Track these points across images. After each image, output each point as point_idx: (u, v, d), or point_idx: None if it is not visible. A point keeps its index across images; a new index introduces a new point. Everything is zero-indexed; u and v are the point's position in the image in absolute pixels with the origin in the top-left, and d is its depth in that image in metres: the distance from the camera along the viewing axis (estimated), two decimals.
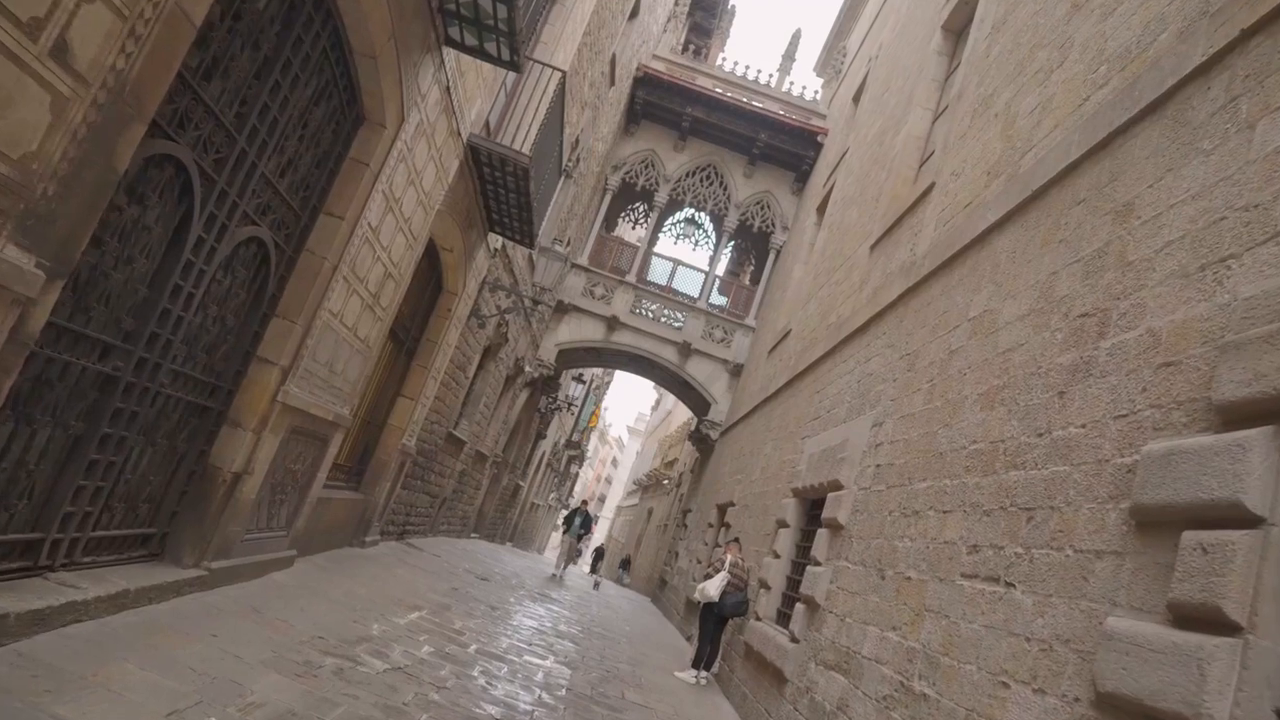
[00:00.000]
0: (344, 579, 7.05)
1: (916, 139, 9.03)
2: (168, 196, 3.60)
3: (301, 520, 6.50)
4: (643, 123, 18.60)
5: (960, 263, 5.82)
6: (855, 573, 5.70)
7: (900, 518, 5.22)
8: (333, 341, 5.80)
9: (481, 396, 13.65)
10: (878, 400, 6.68)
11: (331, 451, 6.65)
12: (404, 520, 11.15)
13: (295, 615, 5.24)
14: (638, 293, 17.96)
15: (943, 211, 6.72)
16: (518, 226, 9.35)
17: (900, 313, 6.93)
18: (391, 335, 8.24)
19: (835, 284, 10.30)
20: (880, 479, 5.89)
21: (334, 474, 7.94)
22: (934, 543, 4.57)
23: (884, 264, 8.11)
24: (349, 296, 5.79)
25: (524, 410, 19.02)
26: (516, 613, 9.03)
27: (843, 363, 8.41)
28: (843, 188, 12.56)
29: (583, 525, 16.35)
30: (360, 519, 8.96)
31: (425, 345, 9.43)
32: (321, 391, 5.91)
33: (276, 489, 5.75)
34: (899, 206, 8.35)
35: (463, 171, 7.65)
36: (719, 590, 8.55)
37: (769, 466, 10.50)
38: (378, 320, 6.68)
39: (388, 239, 6.17)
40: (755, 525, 10.02)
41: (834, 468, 6.98)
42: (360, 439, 8.59)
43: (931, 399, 5.44)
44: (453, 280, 9.37)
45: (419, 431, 10.08)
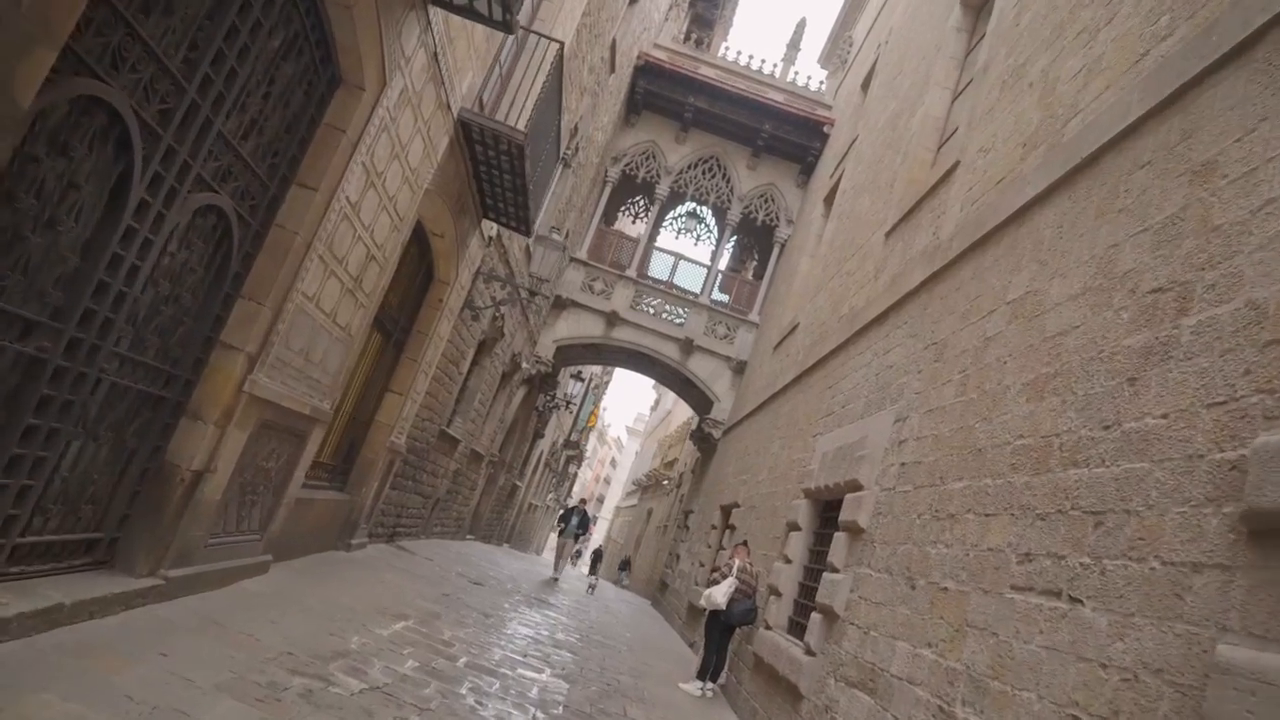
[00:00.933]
0: (324, 585, 6.55)
1: (934, 119, 8.55)
2: (100, 150, 3.10)
3: (277, 523, 6.01)
4: (643, 113, 18.10)
5: (994, 242, 5.33)
6: (880, 581, 5.21)
7: (932, 521, 4.73)
8: (308, 328, 5.30)
9: (476, 393, 13.15)
10: (900, 394, 6.19)
11: (310, 448, 6.15)
12: (394, 522, 10.65)
13: (264, 628, 4.74)
14: (638, 288, 17.47)
15: (970, 190, 6.23)
16: (513, 212, 8.85)
17: (923, 300, 6.44)
18: (378, 325, 7.75)
19: (847, 274, 9.81)
20: (906, 479, 5.40)
21: (315, 473, 7.44)
22: (975, 550, 4.08)
23: (902, 250, 7.62)
24: (326, 278, 5.29)
25: (521, 408, 18.52)
26: (511, 620, 8.53)
27: (858, 355, 7.91)
28: (852, 176, 12.07)
29: (580, 525, 15.44)
30: (345, 521, 8.46)
31: (415, 337, 8.93)
32: (296, 382, 5.41)
33: (246, 489, 5.25)
34: (917, 190, 7.87)
35: (453, 150, 7.15)
36: (726, 597, 8.06)
37: (777, 466, 10.01)
38: (360, 307, 6.19)
39: (369, 217, 5.67)
40: (763, 528, 9.53)
41: (852, 467, 6.49)
42: (345, 436, 8.09)
43: (965, 391, 4.95)
44: (444, 269, 8.87)
45: (409, 429, 9.59)
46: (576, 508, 15.81)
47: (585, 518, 15.66)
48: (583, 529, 15.54)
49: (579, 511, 15.65)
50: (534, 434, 22.45)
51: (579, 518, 15.49)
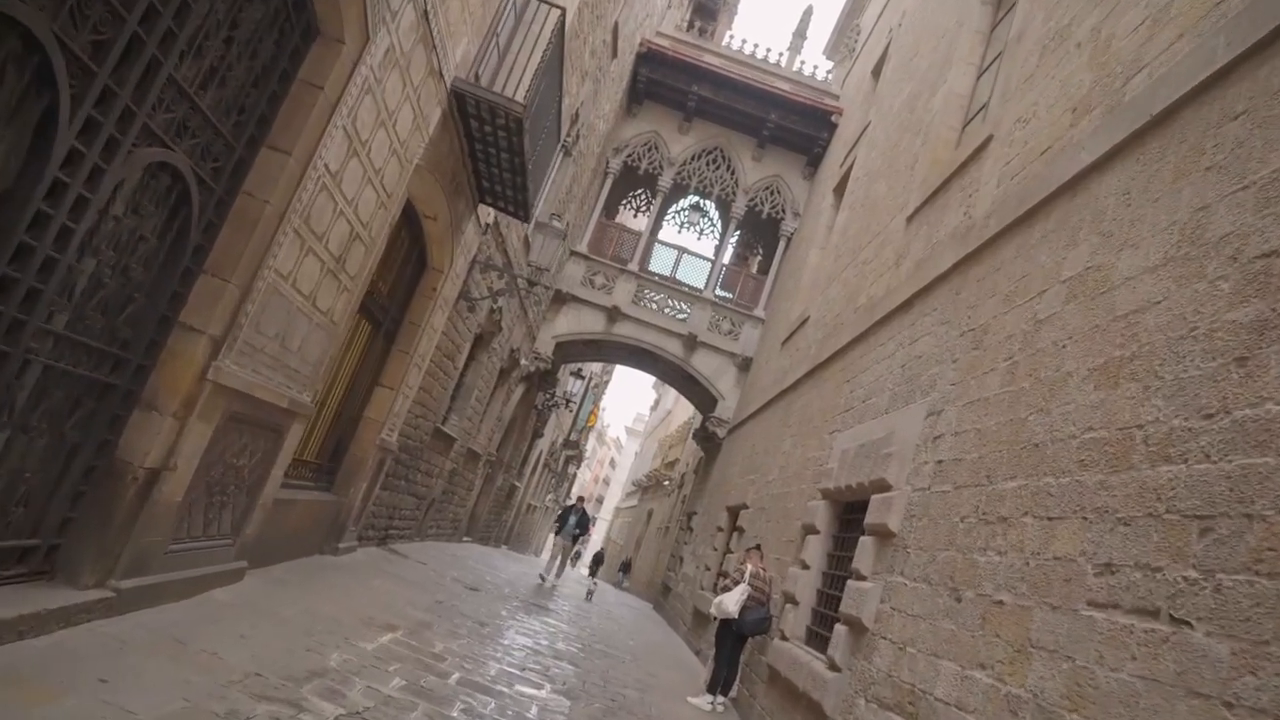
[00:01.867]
0: (305, 594, 6.04)
1: (959, 97, 8.05)
2: (14, 80, 2.59)
3: (252, 526, 5.49)
4: (645, 103, 17.59)
5: (1042, 217, 4.83)
6: (916, 591, 4.69)
7: (979, 525, 4.22)
8: (283, 311, 4.79)
9: (473, 390, 12.63)
10: (932, 386, 5.68)
11: (289, 444, 5.64)
12: (386, 524, 10.13)
13: (230, 645, 4.23)
14: (640, 282, 16.96)
15: (1007, 165, 5.72)
16: (511, 196, 8.34)
17: (955, 284, 5.93)
18: (365, 313, 7.24)
19: (863, 264, 9.31)
20: (944, 478, 4.89)
21: (297, 472, 6.93)
22: (1037, 559, 3.57)
23: (927, 234, 7.12)
24: (303, 256, 4.78)
25: (519, 407, 18.01)
26: (509, 629, 8.02)
27: (879, 347, 7.41)
28: (865, 163, 11.57)
29: (578, 525, 14.35)
30: (332, 523, 7.94)
31: (407, 329, 8.41)
32: (270, 371, 4.90)
33: (215, 489, 4.74)
34: (942, 170, 7.37)
35: (446, 124, 6.64)
36: (739, 605, 7.56)
37: (789, 465, 9.50)
38: (344, 290, 5.67)
39: (352, 190, 5.16)
40: (775, 530, 9.02)
41: (877, 465, 5.98)
42: (330, 432, 7.57)
43: (1014, 379, 4.44)
44: (438, 255, 8.36)
45: (401, 426, 9.07)
46: (574, 506, 14.77)
47: (584, 517, 14.60)
48: (581, 529, 14.45)
49: (577, 510, 14.63)
50: (533, 433, 21.93)
51: (577, 517, 14.46)
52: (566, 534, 14.35)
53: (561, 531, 14.43)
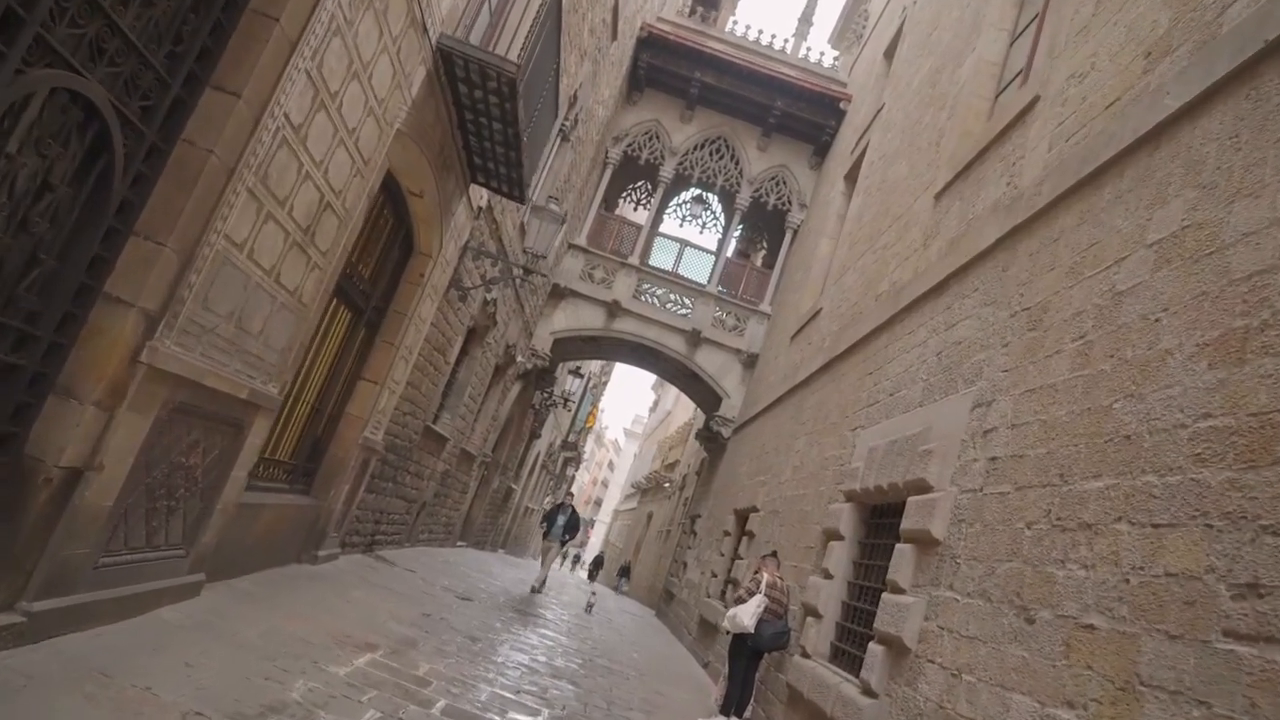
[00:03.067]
0: (272, 610, 5.38)
1: (990, 64, 7.43)
2: None
3: (209, 533, 4.84)
4: (646, 90, 16.96)
5: (1113, 176, 4.19)
6: (972, 609, 4.05)
7: (1054, 532, 3.57)
8: (239, 286, 4.14)
9: (466, 387, 11.98)
10: (977, 374, 5.04)
11: (252, 442, 4.98)
12: (372, 529, 9.48)
13: (170, 677, 3.57)
14: (641, 276, 16.32)
15: (1060, 125, 5.09)
16: (505, 174, 7.69)
17: (1001, 260, 5.30)
18: (344, 299, 6.58)
19: (883, 248, 8.68)
20: (1000, 477, 4.25)
21: (268, 473, 6.28)
22: (1141, 574, 2.93)
23: (961, 210, 6.49)
24: (262, 222, 4.13)
25: (516, 406, 17.35)
26: (503, 644, 7.36)
27: (907, 335, 6.77)
28: (880, 146, 10.95)
29: (568, 527, 12.84)
30: (310, 529, 7.28)
31: (392, 318, 7.76)
32: (224, 357, 4.25)
33: (159, 492, 4.09)
34: (974, 143, 6.75)
35: (432, 87, 6.00)
36: (755, 618, 6.91)
37: (804, 465, 8.86)
38: (314, 268, 5.03)
39: (320, 149, 4.51)
40: (791, 536, 8.37)
41: (914, 464, 5.34)
42: (307, 430, 6.92)
43: (1088, 362, 3.80)
44: (425, 238, 7.71)
45: (387, 424, 8.42)
46: (563, 504, 13.26)
47: (574, 517, 13.09)
48: (571, 531, 12.95)
49: (566, 509, 13.07)
50: (530, 434, 21.27)
51: (566, 517, 12.91)
52: (555, 536, 12.89)
53: (550, 533, 12.94)
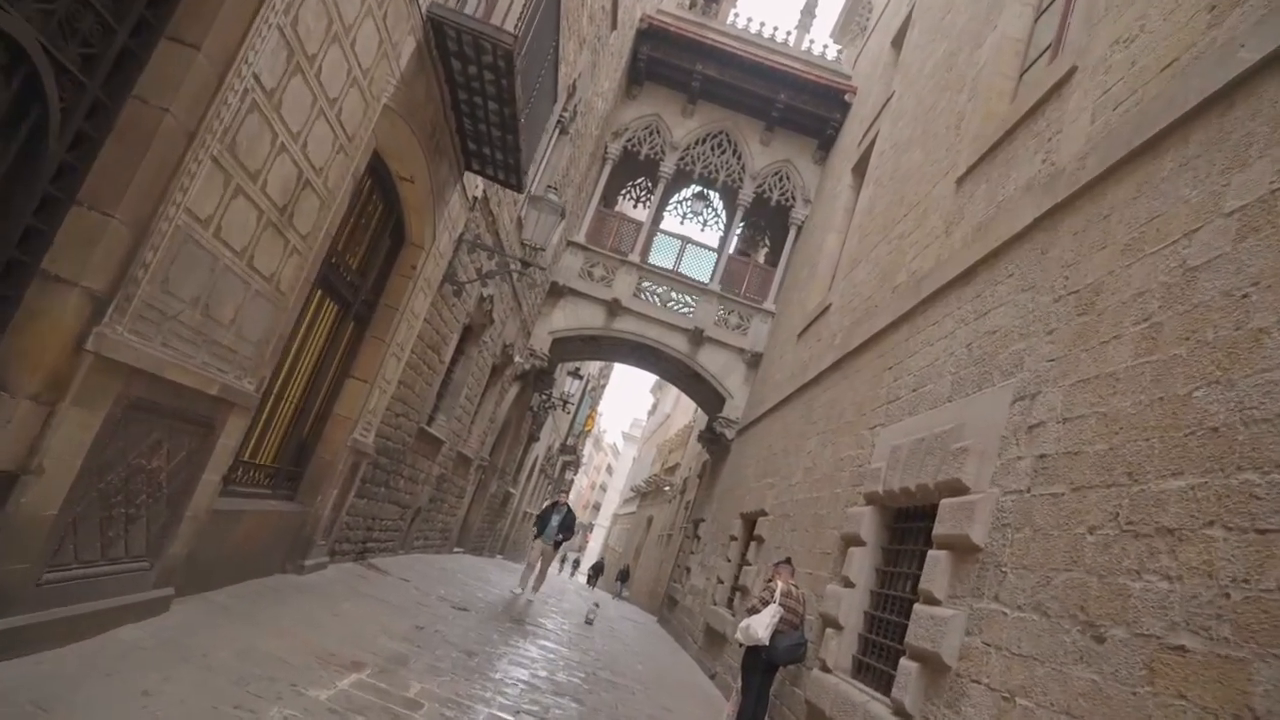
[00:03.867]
0: (250, 626, 4.94)
1: (1014, 41, 7.04)
2: None
3: (178, 543, 4.40)
4: (646, 84, 16.56)
5: (1175, 143, 3.78)
6: (1024, 624, 3.63)
7: (1123, 538, 3.15)
8: (205, 268, 3.72)
9: (462, 387, 11.55)
10: (1017, 365, 4.62)
11: (225, 443, 4.55)
12: (364, 536, 9.04)
13: (122, 708, 3.14)
14: (642, 274, 15.91)
15: (1105, 94, 4.68)
16: (501, 160, 7.28)
17: (1040, 242, 4.89)
18: (329, 290, 6.16)
19: (899, 238, 8.27)
20: (1053, 476, 3.83)
21: (246, 476, 5.85)
22: (1244, 587, 2.51)
23: (988, 193, 6.08)
24: (230, 197, 3.71)
25: (514, 408, 16.91)
26: (501, 658, 6.93)
27: (930, 327, 6.36)
28: (891, 135, 10.55)
29: (562, 527, 11.77)
30: (296, 537, 6.85)
31: (382, 312, 7.33)
32: (191, 347, 3.83)
33: (116, 499, 3.66)
34: (999, 123, 6.37)
35: (422, 61, 5.58)
36: (770, 630, 6.49)
37: (817, 467, 8.43)
38: (294, 253, 4.60)
39: (298, 120, 4.09)
40: (804, 541, 7.94)
41: (947, 463, 4.92)
42: (291, 431, 6.49)
43: (1157, 346, 3.38)
44: (417, 227, 7.29)
45: (378, 425, 7.99)
46: (557, 504, 12.06)
47: (569, 517, 11.92)
48: (566, 532, 11.86)
49: (560, 509, 11.93)
50: (528, 437, 20.83)
51: (560, 517, 11.79)
52: (549, 537, 11.74)
53: (543, 534, 11.78)
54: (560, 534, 11.78)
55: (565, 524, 11.80)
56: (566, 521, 11.82)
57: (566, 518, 11.84)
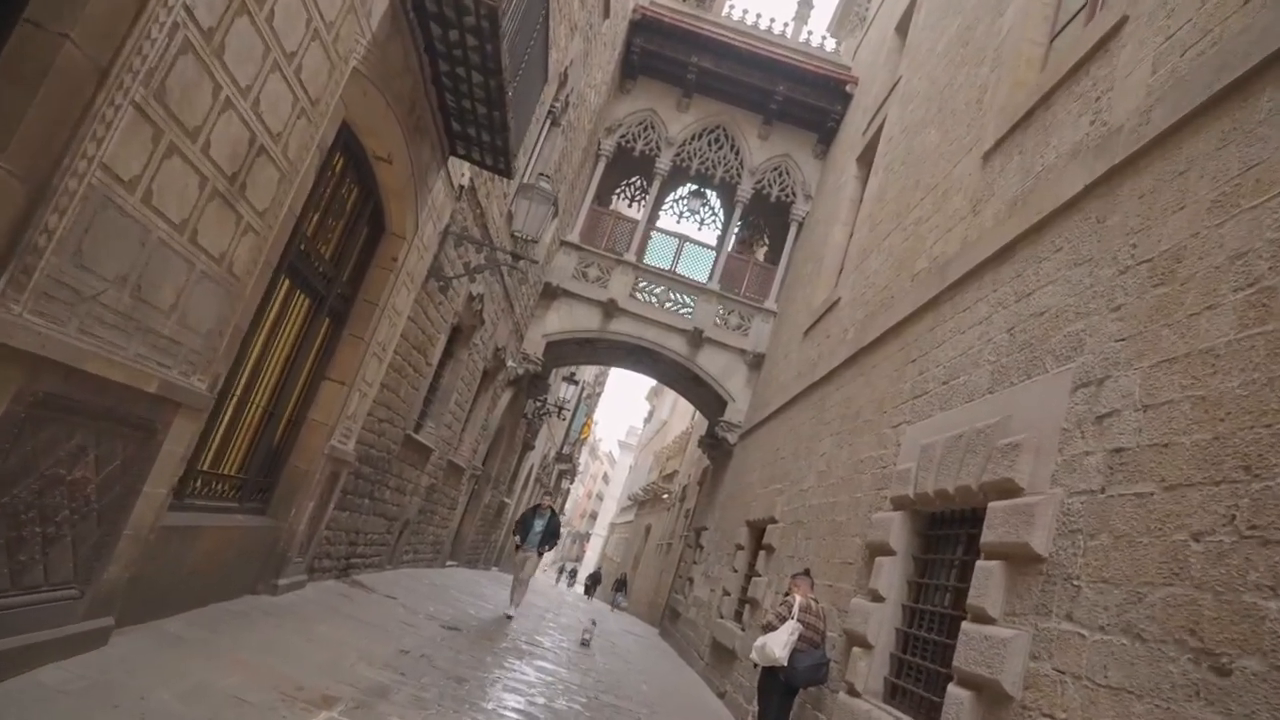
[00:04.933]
0: (207, 658, 4.34)
1: (1041, 5, 6.53)
2: None
3: (116, 565, 3.81)
4: (640, 78, 16.03)
5: (1271, 81, 3.23)
6: (1110, 650, 3.05)
7: (1246, 546, 2.59)
8: (134, 241, 3.14)
9: (451, 393, 10.95)
10: (1076, 347, 4.07)
11: (171, 449, 3.96)
12: (347, 551, 8.43)
13: None
14: (638, 274, 15.35)
15: (1168, 40, 4.15)
16: (488, 142, 6.71)
17: (1094, 209, 4.34)
18: (298, 280, 5.56)
19: (915, 223, 7.73)
20: (1135, 472, 3.26)
21: (209, 488, 5.25)
22: None
23: (1022, 165, 5.55)
24: (161, 155, 3.13)
25: (507, 415, 16.31)
26: (494, 683, 6.33)
27: (961, 313, 5.80)
28: (901, 120, 10.03)
29: (546, 534, 10.57)
30: (268, 554, 6.25)
31: (361, 308, 6.75)
32: (120, 335, 3.24)
33: (26, 516, 3.06)
34: (1030, 91, 5.87)
35: (398, 23, 5.02)
36: (788, 648, 5.90)
37: (833, 470, 7.86)
38: (249, 231, 4.02)
39: (247, 72, 3.52)
40: (821, 550, 7.36)
41: (994, 461, 4.35)
42: (260, 438, 5.88)
43: (1269, 314, 2.83)
44: (398, 216, 6.71)
45: (359, 432, 7.39)
46: (539, 507, 10.84)
47: (554, 521, 10.76)
48: (551, 539, 10.67)
49: (543, 513, 10.74)
50: (523, 445, 20.21)
51: (544, 522, 10.62)
52: (532, 543, 10.52)
53: (525, 541, 10.54)
54: (546, 542, 10.60)
55: (550, 530, 10.61)
56: (551, 527, 10.66)
57: (551, 522, 10.68)
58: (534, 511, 10.80)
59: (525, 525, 10.66)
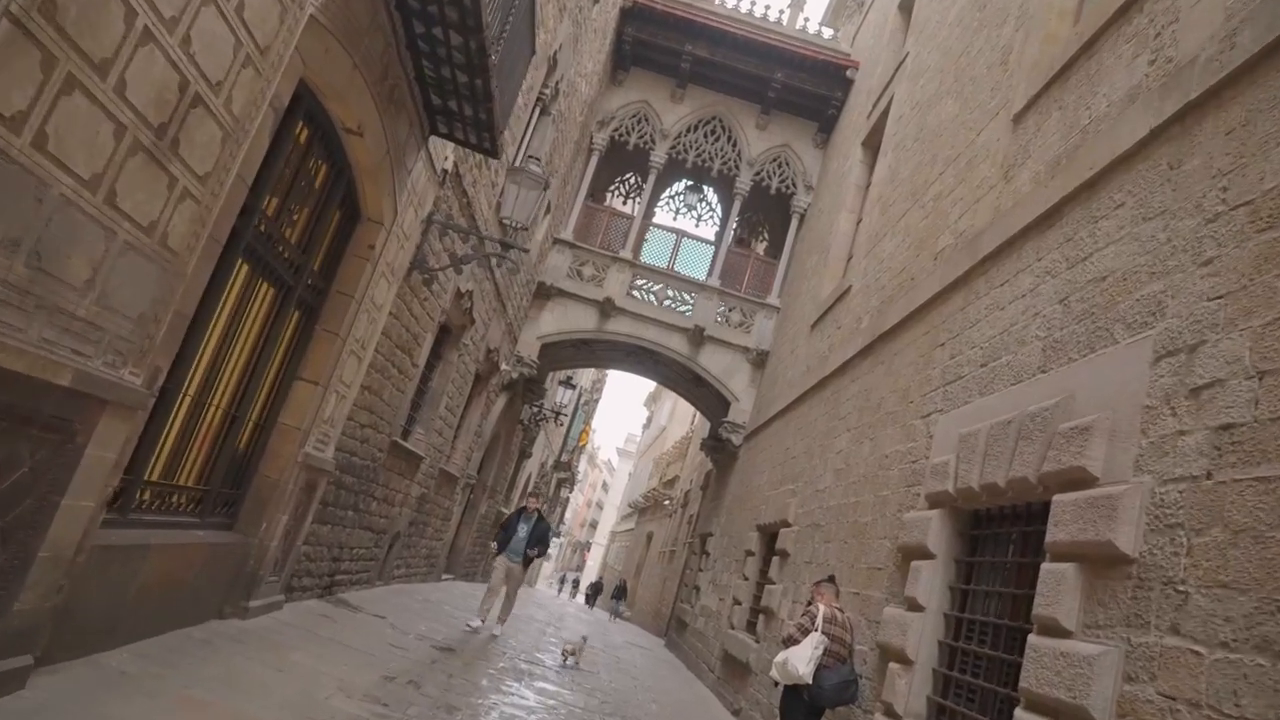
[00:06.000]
0: (148, 698, 3.73)
1: None
2: None
3: (33, 594, 3.21)
4: (633, 70, 15.51)
5: None
6: (1237, 670, 2.47)
7: None
8: (25, 194, 2.56)
9: (442, 396, 10.36)
10: (1154, 312, 3.49)
11: (97, 455, 3.36)
12: (330, 568, 7.82)
13: None
14: (635, 271, 14.79)
15: None
16: (470, 116, 6.14)
17: (1164, 155, 3.79)
18: (259, 266, 4.95)
19: (935, 199, 7.18)
20: (1251, 453, 2.69)
21: (159, 502, 4.65)
22: None
23: (1063, 121, 5.00)
24: (58, 89, 2.56)
25: (503, 421, 15.71)
26: (490, 711, 5.72)
27: (998, 288, 5.24)
28: (911, 96, 9.49)
29: (533, 540, 9.27)
30: (236, 574, 5.64)
31: (335, 301, 6.16)
32: (15, 313, 2.66)
33: None
34: (1066, 44, 5.35)
35: None
36: (812, 664, 5.30)
37: (853, 468, 7.28)
38: (186, 196, 3.44)
39: (173, 2, 2.94)
40: (844, 555, 6.77)
41: (1058, 448, 3.77)
42: (222, 444, 5.27)
43: None
44: (374, 198, 6.13)
45: (339, 437, 6.80)
46: (525, 510, 9.56)
47: (540, 526, 9.40)
48: (539, 545, 9.39)
49: (529, 516, 9.42)
50: (520, 452, 19.59)
51: (529, 526, 9.30)
52: (516, 552, 9.19)
53: (508, 548, 9.22)
54: (533, 548, 9.29)
55: (538, 535, 9.30)
56: (539, 532, 9.32)
57: (538, 527, 9.34)
58: (518, 515, 9.58)
59: (508, 531, 9.38)
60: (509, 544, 9.25)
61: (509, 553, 9.23)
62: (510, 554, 9.23)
